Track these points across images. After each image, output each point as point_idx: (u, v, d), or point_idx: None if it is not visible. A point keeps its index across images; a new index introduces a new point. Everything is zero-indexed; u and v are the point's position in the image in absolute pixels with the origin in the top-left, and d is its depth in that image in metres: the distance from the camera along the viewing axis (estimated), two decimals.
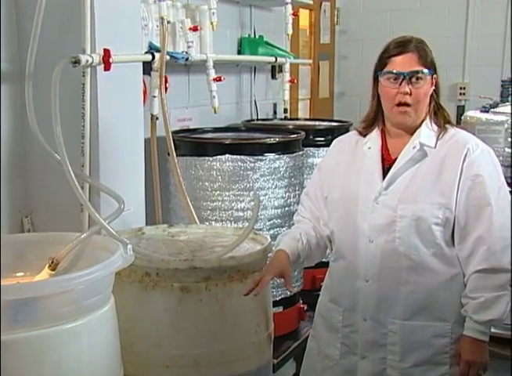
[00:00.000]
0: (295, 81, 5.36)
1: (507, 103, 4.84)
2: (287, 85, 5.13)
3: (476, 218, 2.37)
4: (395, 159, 2.46)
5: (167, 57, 3.44)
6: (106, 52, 2.64)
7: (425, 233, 2.38)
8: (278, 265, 2.48)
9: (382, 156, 2.50)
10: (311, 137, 4.32)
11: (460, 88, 6.48)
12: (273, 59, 4.91)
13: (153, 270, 2.45)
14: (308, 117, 6.29)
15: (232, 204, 3.52)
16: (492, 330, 2.47)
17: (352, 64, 6.71)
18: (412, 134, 2.46)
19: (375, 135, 2.54)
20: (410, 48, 2.39)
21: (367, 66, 2.58)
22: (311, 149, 4.24)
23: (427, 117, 2.47)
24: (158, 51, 3.36)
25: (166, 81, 3.47)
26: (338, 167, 2.59)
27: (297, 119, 5.45)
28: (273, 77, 5.51)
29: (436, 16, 6.45)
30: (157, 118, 3.52)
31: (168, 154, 3.43)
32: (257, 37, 5.08)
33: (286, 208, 3.61)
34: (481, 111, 4.86)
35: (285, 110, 5.23)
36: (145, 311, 2.47)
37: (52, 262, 2.23)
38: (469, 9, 6.34)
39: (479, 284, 2.38)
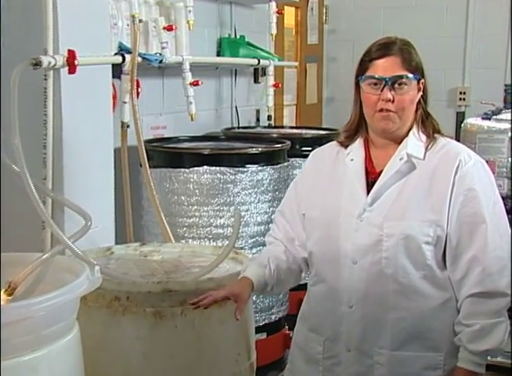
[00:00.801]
0: (280, 85, 5.37)
1: (511, 110, 4.86)
2: (271, 90, 5.14)
3: (469, 236, 2.35)
4: (380, 172, 2.45)
5: (139, 59, 3.44)
6: (71, 54, 2.63)
7: (414, 253, 2.36)
8: (235, 286, 2.46)
9: (366, 168, 2.49)
10: (297, 147, 4.32)
11: (460, 93, 6.52)
12: (256, 61, 4.92)
13: (123, 294, 2.43)
14: (294, 124, 6.30)
15: (211, 221, 3.51)
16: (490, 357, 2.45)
17: (342, 67, 6.73)
18: (398, 144, 2.45)
19: (358, 145, 2.52)
20: (393, 50, 2.38)
21: None
22: (298, 160, 4.24)
23: (414, 126, 2.46)
24: (129, 52, 3.36)
25: (138, 86, 3.47)
26: (317, 181, 2.57)
27: (282, 127, 5.47)
28: (256, 81, 5.52)
29: (433, 14, 6.49)
30: (128, 126, 3.51)
31: (140, 166, 3.42)
32: (238, 37, 5.09)
33: (270, 225, 3.56)
34: (483, 118, 4.87)
35: (269, 117, 5.23)
36: (114, 339, 2.45)
37: (8, 287, 2.19)
38: (469, 7, 6.38)
39: (474, 310, 2.35)
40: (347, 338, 2.45)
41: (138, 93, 3.44)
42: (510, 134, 4.58)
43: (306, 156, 4.23)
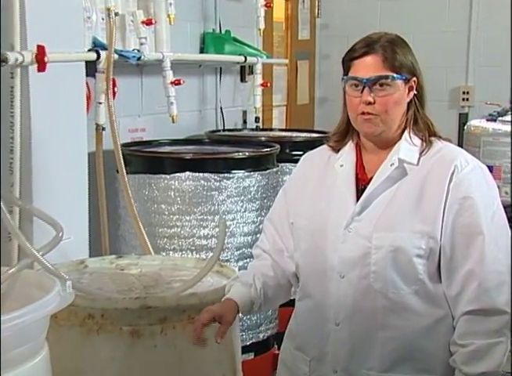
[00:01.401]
0: (268, 84, 5.36)
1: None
2: (259, 90, 5.15)
3: (465, 249, 2.33)
4: (371, 178, 2.45)
5: (116, 56, 3.42)
6: (40, 50, 2.61)
7: (405, 266, 2.36)
8: (220, 307, 2.45)
9: (356, 175, 2.49)
10: (287, 151, 4.33)
11: (463, 93, 6.53)
12: (242, 58, 4.93)
13: (98, 311, 2.41)
14: (283, 127, 6.31)
15: (194, 231, 3.51)
16: None
17: (336, 64, 6.64)
18: (391, 148, 2.45)
19: (348, 149, 2.52)
20: (375, 49, 2.37)
21: None
22: (288, 165, 4.24)
23: (407, 129, 2.46)
24: (104, 48, 3.34)
25: (114, 85, 3.45)
26: (306, 188, 2.57)
27: (271, 129, 5.48)
28: (242, 79, 5.53)
29: (434, 7, 6.51)
30: (104, 129, 3.50)
31: (117, 171, 3.41)
32: (223, 32, 5.09)
33: (258, 235, 3.56)
34: (488, 120, 4.89)
35: (256, 119, 5.24)
36: (87, 361, 2.43)
37: None
38: None
39: (469, 329, 2.34)
40: (333, 358, 2.45)
41: (114, 93, 3.43)
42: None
43: (297, 161, 4.22)
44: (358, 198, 2.43)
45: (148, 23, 3.74)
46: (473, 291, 2.31)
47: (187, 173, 3.47)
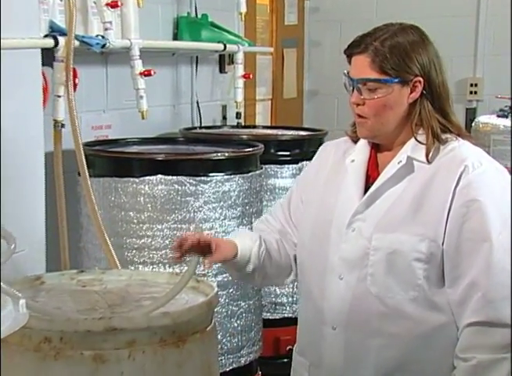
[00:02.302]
0: (251, 76, 5.36)
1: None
2: (241, 82, 5.15)
3: (470, 256, 2.38)
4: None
5: (76, 43, 3.41)
6: None
7: (402, 271, 2.41)
8: (218, 238, 2.60)
9: (367, 171, 2.52)
10: (272, 151, 4.34)
11: (471, 86, 6.55)
12: (221, 46, 4.92)
13: (56, 334, 2.38)
14: (268, 123, 6.32)
15: (167, 242, 3.49)
16: None
17: (327, 53, 6.75)
18: (403, 145, 2.49)
19: (363, 143, 2.57)
20: (367, 48, 2.44)
21: None
22: (273, 166, 4.27)
23: (415, 128, 2.48)
24: (63, 34, 3.33)
25: (75, 76, 3.44)
26: (318, 179, 2.65)
27: (254, 127, 5.49)
28: (222, 70, 5.53)
29: None
30: (63, 125, 3.48)
31: (79, 174, 3.40)
32: (199, 16, 5.08)
33: None
34: (498, 116, 4.90)
35: (238, 115, 5.24)
36: None
37: None
38: None
39: (472, 342, 2.38)
40: (329, 365, 2.54)
41: (75, 85, 3.42)
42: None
43: (283, 162, 4.33)
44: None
45: (113, 5, 3.72)
46: (477, 302, 2.36)
47: (159, 176, 3.46)
